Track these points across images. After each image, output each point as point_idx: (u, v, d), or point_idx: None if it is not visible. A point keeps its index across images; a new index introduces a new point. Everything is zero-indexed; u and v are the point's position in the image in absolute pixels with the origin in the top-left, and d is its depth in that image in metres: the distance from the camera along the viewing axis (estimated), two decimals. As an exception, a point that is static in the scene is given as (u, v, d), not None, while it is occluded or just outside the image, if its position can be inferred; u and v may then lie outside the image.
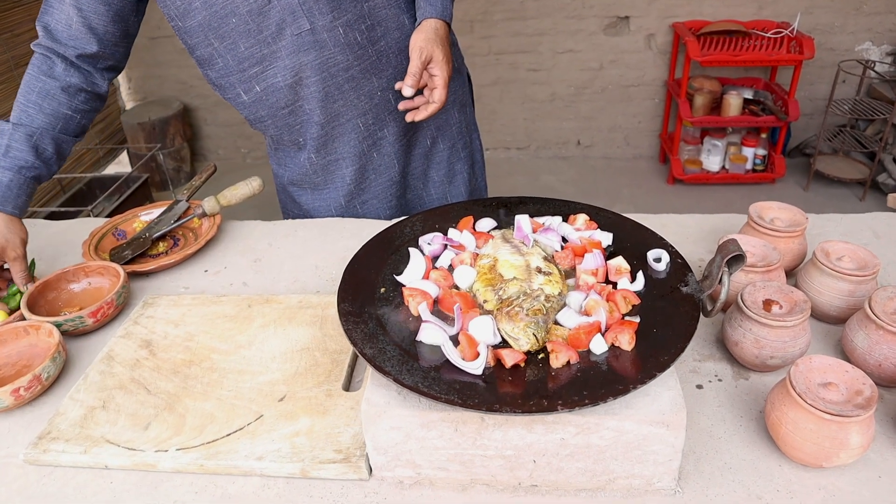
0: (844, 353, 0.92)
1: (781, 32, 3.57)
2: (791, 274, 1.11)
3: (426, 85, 1.20)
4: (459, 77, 1.47)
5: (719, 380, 0.91)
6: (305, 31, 1.18)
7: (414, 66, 1.15)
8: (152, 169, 3.90)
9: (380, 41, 1.24)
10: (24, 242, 1.18)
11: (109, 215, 2.93)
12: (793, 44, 3.52)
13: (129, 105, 4.28)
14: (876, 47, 3.84)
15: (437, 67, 1.17)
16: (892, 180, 3.59)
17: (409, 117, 1.20)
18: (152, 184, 3.81)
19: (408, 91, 1.15)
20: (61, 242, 1.38)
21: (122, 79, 4.22)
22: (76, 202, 3.29)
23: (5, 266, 1.19)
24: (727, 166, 3.86)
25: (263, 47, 1.20)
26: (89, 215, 2.83)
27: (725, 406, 0.87)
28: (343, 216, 1.43)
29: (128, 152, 4.06)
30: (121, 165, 4.12)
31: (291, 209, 1.50)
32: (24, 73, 1.20)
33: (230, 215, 1.43)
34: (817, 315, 1.01)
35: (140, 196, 3.31)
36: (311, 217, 1.45)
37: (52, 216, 3.06)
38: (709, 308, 0.80)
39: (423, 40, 1.15)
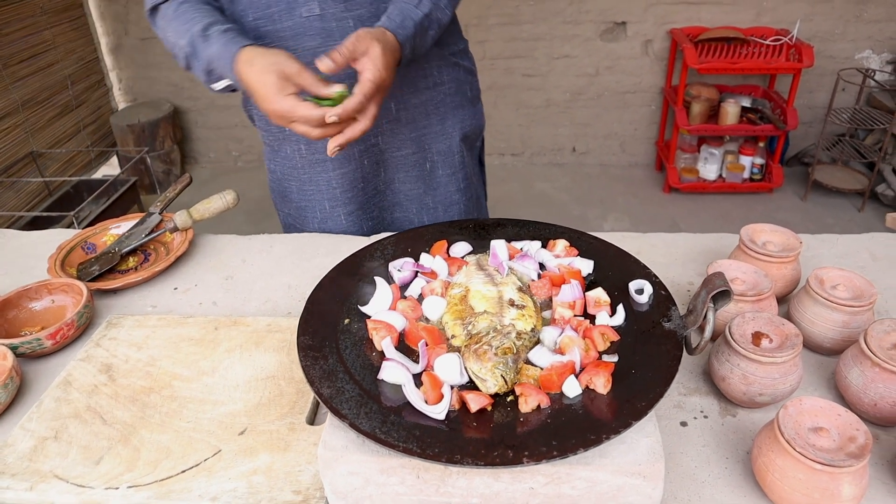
0: (838, 390, 0.88)
1: (780, 40, 3.52)
2: (783, 300, 1.06)
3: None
4: (472, 108, 1.40)
5: (705, 416, 0.86)
6: (314, 16, 1.13)
7: (346, 48, 0.95)
8: (141, 172, 3.85)
9: None
10: (291, 56, 0.99)
11: (96, 220, 2.87)
12: (792, 51, 3.47)
13: (122, 106, 4.23)
14: (876, 55, 3.80)
15: (367, 61, 0.96)
16: (892, 191, 3.54)
17: (332, 143, 0.99)
18: (141, 187, 3.76)
19: (325, 63, 0.94)
20: (30, 255, 1.33)
21: (115, 80, 4.18)
22: (63, 205, 3.24)
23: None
24: (724, 175, 3.81)
25: (269, 23, 1.15)
26: (73, 221, 2.78)
27: (711, 446, 0.82)
28: (326, 222, 1.38)
29: (117, 155, 4.01)
30: (111, 167, 4.07)
31: (282, 208, 1.45)
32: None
33: (209, 227, 1.38)
34: (810, 346, 0.96)
35: (128, 199, 3.26)
36: (301, 217, 1.40)
37: (36, 221, 3.01)
38: (693, 346, 0.75)
39: (369, 35, 0.98)
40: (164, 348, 1.02)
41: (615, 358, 0.73)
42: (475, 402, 0.66)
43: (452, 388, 0.69)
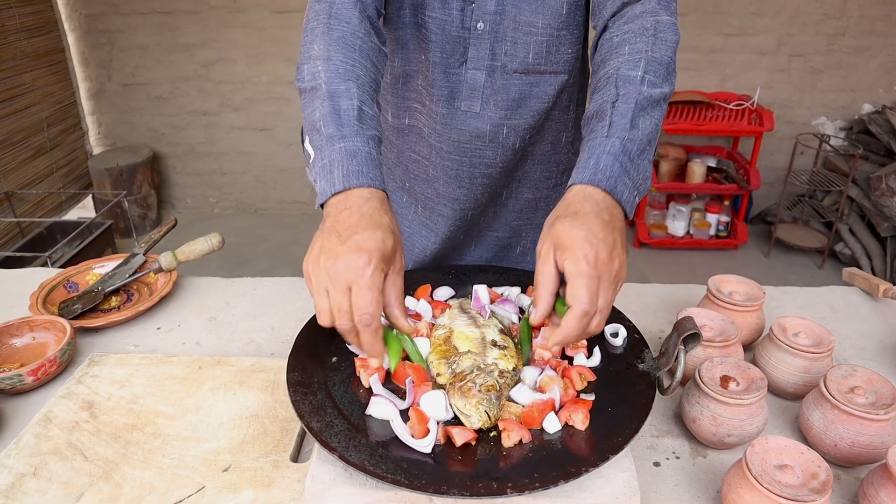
0: (801, 432, 0.92)
1: (743, 105, 3.71)
2: (748, 348, 1.11)
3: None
4: None
5: (677, 457, 0.90)
6: (473, 113, 1.10)
7: (537, 276, 0.74)
8: (117, 215, 3.84)
9: (533, 146, 1.18)
10: (401, 243, 0.78)
11: (69, 262, 2.86)
12: (753, 116, 3.66)
13: (96, 150, 4.24)
14: (831, 122, 4.02)
15: (566, 263, 0.71)
16: (849, 250, 3.69)
17: (549, 343, 0.74)
18: (116, 230, 3.75)
19: (534, 317, 0.74)
20: (9, 293, 1.33)
21: (91, 123, 4.20)
22: (35, 247, 3.21)
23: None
24: (692, 232, 3.94)
25: (429, 99, 1.12)
26: (47, 261, 2.75)
27: (682, 485, 0.85)
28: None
29: (93, 197, 4.00)
30: (85, 210, 4.06)
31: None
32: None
33: (190, 269, 1.40)
34: (774, 391, 1.01)
35: (102, 242, 3.24)
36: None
37: (7, 261, 2.98)
38: (665, 386, 0.79)
39: (547, 224, 0.76)
40: (148, 386, 1.03)
41: (592, 396, 0.77)
42: (460, 437, 0.69)
43: (438, 423, 0.72)
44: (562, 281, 0.72)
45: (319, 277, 0.71)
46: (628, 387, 0.78)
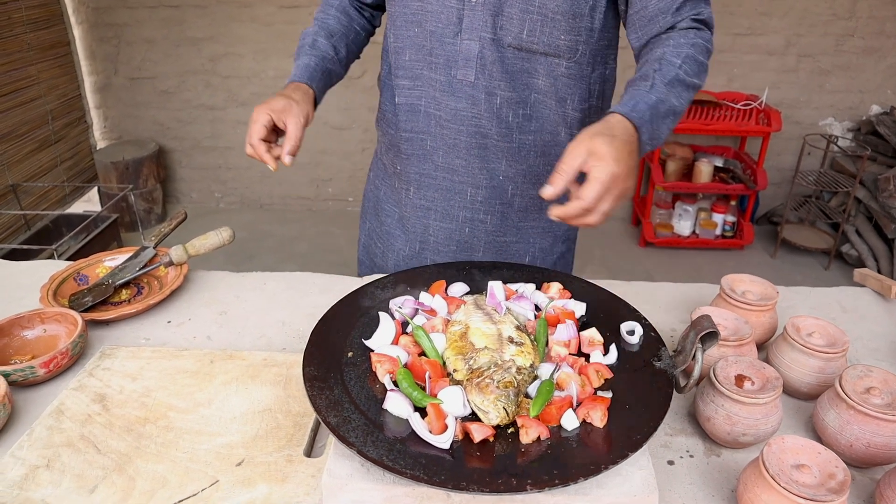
0: (815, 432, 0.92)
1: (750, 105, 3.70)
2: (761, 347, 1.11)
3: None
4: None
5: (691, 456, 0.90)
6: (468, 82, 1.17)
7: (562, 167, 0.88)
8: (122, 209, 3.84)
9: (530, 134, 1.21)
10: (310, 117, 1.17)
11: (75, 255, 2.86)
12: (761, 116, 3.64)
13: (101, 144, 4.24)
14: (838, 123, 4.00)
15: (596, 160, 0.87)
16: (856, 251, 3.68)
17: (551, 213, 0.90)
18: (121, 224, 3.75)
19: (547, 191, 0.87)
20: (18, 285, 1.33)
21: (96, 117, 4.20)
22: (40, 240, 3.21)
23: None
24: (697, 231, 3.93)
25: (424, 68, 1.21)
26: (53, 254, 2.75)
27: (697, 484, 0.85)
28: (411, 261, 1.38)
29: (98, 191, 4.00)
30: (90, 204, 4.06)
31: (370, 220, 1.49)
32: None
33: (198, 264, 1.39)
34: (788, 391, 1.00)
35: (108, 236, 3.24)
36: (387, 241, 1.42)
37: (13, 253, 2.98)
38: (682, 384, 0.79)
39: (589, 135, 0.90)
40: (159, 380, 1.03)
41: (609, 394, 0.76)
42: (479, 433, 0.69)
43: (456, 419, 0.71)
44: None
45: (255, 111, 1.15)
46: (645, 384, 0.78)
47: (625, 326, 0.88)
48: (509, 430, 0.72)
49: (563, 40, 1.14)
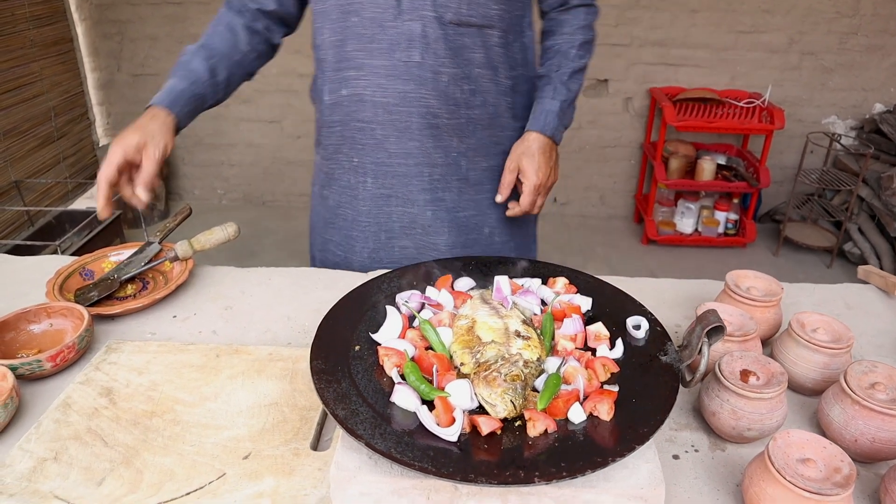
0: (820, 427, 0.92)
1: (753, 102, 3.70)
2: (766, 343, 1.11)
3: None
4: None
5: (696, 450, 0.90)
6: (414, 63, 1.19)
7: (504, 181, 1.29)
8: (125, 206, 3.85)
9: (476, 108, 1.26)
10: (168, 149, 1.18)
11: (78, 252, 2.86)
12: (764, 114, 3.64)
13: (104, 141, 4.24)
14: (841, 121, 4.00)
15: (524, 176, 1.26)
16: (858, 250, 3.68)
17: (508, 213, 1.31)
18: (124, 221, 3.75)
19: (498, 198, 1.31)
20: (24, 280, 1.33)
21: (99, 114, 4.20)
22: (44, 236, 3.22)
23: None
24: (700, 229, 3.93)
25: (367, 57, 1.21)
26: (56, 250, 2.76)
27: (702, 478, 0.85)
28: (378, 253, 1.39)
29: (102, 188, 4.00)
30: (93, 200, 4.06)
31: (322, 235, 1.48)
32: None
33: (203, 260, 1.40)
34: (793, 386, 1.00)
35: (111, 233, 3.24)
36: (349, 245, 1.42)
37: (16, 249, 2.98)
38: (688, 378, 0.79)
39: (516, 154, 1.28)
40: (166, 373, 1.03)
41: (616, 388, 0.77)
42: (487, 425, 0.69)
43: (464, 412, 0.72)
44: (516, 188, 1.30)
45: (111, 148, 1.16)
46: (652, 378, 0.78)
47: (631, 321, 0.88)
48: (517, 423, 0.72)
49: (494, 10, 1.21)
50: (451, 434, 0.69)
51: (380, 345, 0.83)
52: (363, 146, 1.31)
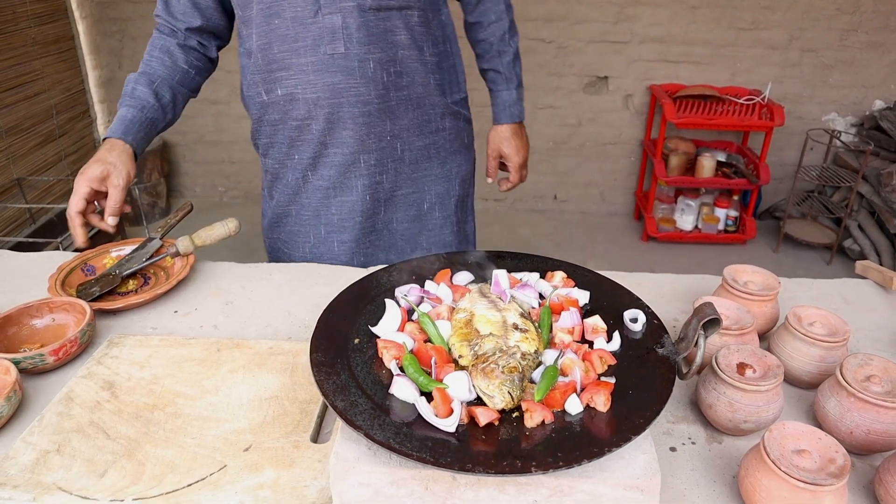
0: (816, 420, 0.93)
1: (753, 99, 3.70)
2: (763, 337, 1.12)
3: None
4: (467, 154, 1.53)
5: (693, 442, 0.91)
6: (339, 54, 1.23)
7: (489, 166, 1.53)
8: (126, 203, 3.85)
9: (404, 89, 1.31)
10: (130, 176, 1.23)
11: (79, 248, 2.87)
12: (764, 111, 3.64)
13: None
14: (841, 118, 4.00)
15: (507, 159, 1.52)
16: (858, 246, 3.69)
17: (501, 187, 1.55)
18: (126, 218, 3.76)
19: (488, 180, 1.55)
20: (26, 275, 1.34)
21: (100, 112, 4.21)
22: (45, 233, 3.23)
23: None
24: (700, 226, 3.94)
25: (293, 56, 1.25)
26: (58, 248, 2.77)
27: (699, 470, 0.86)
28: (318, 247, 1.43)
29: (103, 185, 4.01)
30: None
31: (271, 234, 1.51)
32: None
33: (204, 255, 1.41)
34: (789, 380, 1.01)
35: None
36: (292, 241, 1.45)
37: (19, 246, 2.99)
38: (684, 371, 0.80)
39: (495, 143, 1.51)
40: (167, 367, 1.04)
41: (613, 380, 0.77)
42: (484, 416, 0.70)
43: (462, 403, 0.73)
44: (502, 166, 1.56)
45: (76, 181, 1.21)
46: (648, 371, 0.79)
47: (628, 314, 0.89)
48: (514, 415, 0.73)
49: None
50: (449, 425, 0.69)
51: (379, 337, 0.84)
52: (302, 142, 1.35)
